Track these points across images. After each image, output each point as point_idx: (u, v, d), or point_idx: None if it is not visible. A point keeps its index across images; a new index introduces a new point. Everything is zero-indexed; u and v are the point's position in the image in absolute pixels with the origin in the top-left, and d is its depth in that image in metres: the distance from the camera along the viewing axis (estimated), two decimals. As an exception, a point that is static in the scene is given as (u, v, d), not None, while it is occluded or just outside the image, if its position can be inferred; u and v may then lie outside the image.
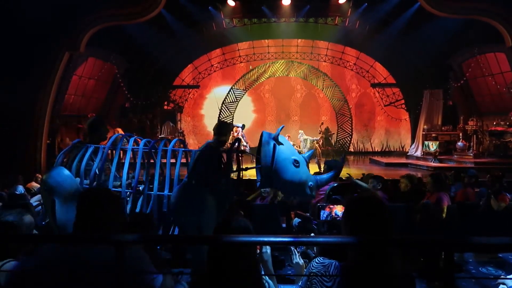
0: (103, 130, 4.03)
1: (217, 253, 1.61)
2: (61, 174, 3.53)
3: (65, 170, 3.58)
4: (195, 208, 3.18)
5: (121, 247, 1.42)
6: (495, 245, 1.71)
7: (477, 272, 4.11)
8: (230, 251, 1.59)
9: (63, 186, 3.45)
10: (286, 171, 3.32)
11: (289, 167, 3.34)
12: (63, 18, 10.66)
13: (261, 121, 18.05)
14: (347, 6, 13.65)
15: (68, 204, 3.32)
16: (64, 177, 3.50)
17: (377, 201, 1.60)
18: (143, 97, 15.61)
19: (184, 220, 3.31)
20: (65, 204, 3.37)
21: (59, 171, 3.57)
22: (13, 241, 2.02)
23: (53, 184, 3.47)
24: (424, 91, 15.27)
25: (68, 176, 3.53)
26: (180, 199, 3.28)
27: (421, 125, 15.24)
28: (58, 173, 3.54)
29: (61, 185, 3.45)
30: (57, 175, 3.52)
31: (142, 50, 14.61)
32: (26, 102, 10.87)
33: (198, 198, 3.20)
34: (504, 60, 12.43)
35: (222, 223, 1.79)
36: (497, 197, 5.30)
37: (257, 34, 16.13)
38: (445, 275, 1.35)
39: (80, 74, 13.58)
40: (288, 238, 1.60)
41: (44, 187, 3.59)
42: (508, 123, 12.99)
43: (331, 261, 1.60)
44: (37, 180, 7.67)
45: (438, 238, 1.78)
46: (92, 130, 3.97)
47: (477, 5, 10.99)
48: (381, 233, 1.52)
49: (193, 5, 13.18)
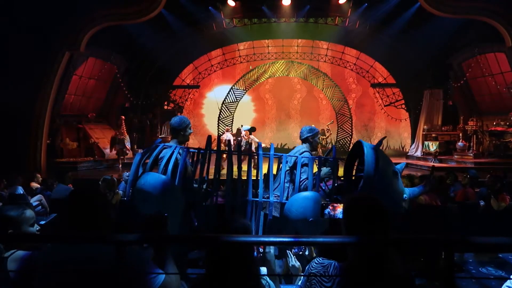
0: (189, 131, 3.80)
1: (217, 253, 1.62)
2: (156, 179, 3.28)
3: (158, 175, 3.33)
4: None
5: (121, 247, 1.42)
6: (495, 245, 1.71)
7: (477, 272, 4.11)
8: (228, 251, 1.60)
9: (162, 190, 3.21)
10: (386, 182, 3.27)
11: (389, 178, 3.31)
12: (63, 18, 10.67)
13: (261, 121, 18.06)
14: (347, 6, 13.64)
15: (168, 207, 3.08)
16: (160, 181, 3.26)
17: (375, 201, 1.60)
18: (143, 97, 15.61)
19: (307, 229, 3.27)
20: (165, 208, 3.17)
21: (153, 176, 3.31)
22: (13, 240, 2.03)
23: (150, 190, 3.22)
24: (424, 91, 15.27)
25: (165, 179, 3.30)
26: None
27: (421, 125, 15.24)
28: (153, 178, 3.29)
29: (160, 190, 3.21)
30: (153, 180, 3.27)
31: (142, 50, 14.61)
32: (26, 102, 10.88)
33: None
34: (504, 60, 12.42)
35: (221, 223, 1.79)
36: (497, 197, 5.30)
37: (257, 34, 16.12)
38: (445, 275, 1.35)
39: (80, 74, 13.58)
40: (288, 238, 1.60)
41: (140, 196, 3.30)
42: (508, 123, 12.98)
43: (330, 261, 1.60)
44: (37, 180, 7.67)
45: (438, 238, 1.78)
46: (179, 130, 3.71)
47: (477, 5, 10.99)
48: (380, 232, 1.53)
49: (193, 5, 13.17)
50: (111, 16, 11.59)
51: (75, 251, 1.64)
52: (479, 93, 14.45)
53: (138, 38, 13.30)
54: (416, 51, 14.75)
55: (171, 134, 3.81)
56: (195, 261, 3.97)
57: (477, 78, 14.03)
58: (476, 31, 12.38)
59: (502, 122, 13.12)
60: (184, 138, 3.75)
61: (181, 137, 3.72)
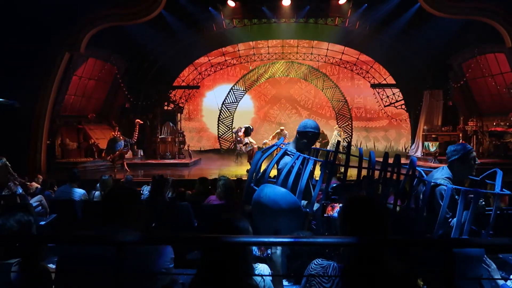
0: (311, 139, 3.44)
1: (214, 253, 1.62)
2: (276, 193, 3.08)
3: (279, 189, 3.13)
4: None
5: (122, 247, 1.42)
6: (495, 246, 1.71)
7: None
8: (225, 251, 1.60)
9: (282, 206, 3.03)
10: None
11: None
12: (63, 19, 10.68)
13: (261, 121, 18.06)
14: (347, 6, 13.64)
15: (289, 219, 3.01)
16: (281, 196, 3.06)
17: (374, 202, 1.61)
18: (143, 97, 15.62)
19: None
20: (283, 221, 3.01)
21: (274, 190, 3.12)
22: (13, 242, 2.03)
23: (268, 204, 3.05)
24: (424, 92, 15.26)
25: (285, 194, 3.09)
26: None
27: (421, 126, 15.24)
28: (273, 192, 3.10)
29: (279, 205, 3.03)
30: (273, 195, 3.08)
31: (142, 51, 14.62)
32: (26, 102, 10.88)
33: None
34: (504, 60, 12.43)
35: (221, 223, 1.79)
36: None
37: (257, 34, 16.12)
38: (445, 275, 1.35)
39: (80, 75, 13.58)
40: (288, 239, 1.61)
41: (258, 207, 3.16)
42: (508, 123, 12.98)
43: (329, 262, 1.60)
44: (37, 181, 7.67)
45: (438, 238, 1.78)
46: (303, 135, 3.37)
47: (477, 5, 11.00)
48: (379, 233, 1.53)
49: (193, 6, 13.17)
50: (111, 17, 11.60)
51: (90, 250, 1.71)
52: (479, 93, 14.45)
53: (138, 39, 13.29)
54: (416, 51, 14.75)
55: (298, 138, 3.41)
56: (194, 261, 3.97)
57: (477, 79, 14.02)
58: (476, 31, 12.38)
59: (502, 123, 13.12)
60: (305, 145, 3.40)
61: (302, 143, 3.38)
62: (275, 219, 3.02)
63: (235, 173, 11.72)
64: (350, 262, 1.55)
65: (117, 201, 1.87)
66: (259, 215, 3.13)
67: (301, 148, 3.39)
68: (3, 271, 1.89)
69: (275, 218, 3.02)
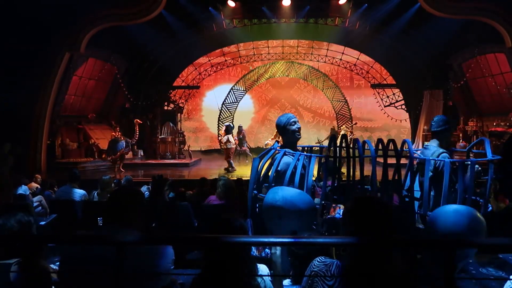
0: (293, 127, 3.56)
1: (214, 253, 1.62)
2: (293, 194, 3.09)
3: (293, 190, 3.16)
4: None
5: (122, 247, 1.42)
6: (495, 246, 1.71)
7: (477, 272, 4.10)
8: (225, 251, 1.60)
9: (300, 206, 3.04)
10: None
11: None
12: (63, 19, 10.67)
13: (261, 121, 18.06)
14: (347, 6, 13.65)
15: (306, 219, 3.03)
16: (297, 197, 3.08)
17: (379, 202, 1.61)
18: (143, 97, 15.62)
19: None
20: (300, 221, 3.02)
21: (288, 191, 3.13)
22: (13, 242, 2.03)
23: (287, 206, 3.03)
24: (424, 92, 15.27)
25: (301, 194, 3.12)
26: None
27: (421, 126, 15.24)
28: (289, 194, 3.10)
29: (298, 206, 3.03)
30: (289, 196, 3.07)
31: (142, 51, 14.62)
32: (26, 103, 10.88)
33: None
34: (504, 60, 12.42)
35: (221, 223, 1.79)
36: (496, 198, 5.29)
37: (257, 34, 16.11)
38: (445, 275, 1.35)
39: (80, 75, 13.58)
40: (288, 239, 1.60)
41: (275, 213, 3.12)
42: (508, 123, 12.97)
43: (332, 260, 1.61)
44: (37, 181, 7.67)
45: (438, 238, 1.78)
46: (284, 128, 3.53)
47: (477, 5, 11.00)
48: (383, 233, 1.53)
49: (193, 6, 13.18)
50: (111, 17, 11.60)
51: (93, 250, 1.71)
52: (479, 93, 14.44)
53: (138, 39, 13.30)
54: (416, 51, 14.75)
55: (280, 136, 3.57)
56: (194, 261, 3.97)
57: (477, 79, 14.02)
58: (476, 31, 12.38)
59: (502, 123, 13.11)
60: (293, 136, 3.50)
61: (290, 134, 3.48)
62: (292, 220, 3.01)
63: (235, 173, 11.72)
64: (352, 261, 1.55)
65: (123, 201, 1.88)
66: (276, 219, 3.09)
67: (293, 141, 3.50)
68: (3, 271, 1.89)
69: (292, 220, 3.01)
